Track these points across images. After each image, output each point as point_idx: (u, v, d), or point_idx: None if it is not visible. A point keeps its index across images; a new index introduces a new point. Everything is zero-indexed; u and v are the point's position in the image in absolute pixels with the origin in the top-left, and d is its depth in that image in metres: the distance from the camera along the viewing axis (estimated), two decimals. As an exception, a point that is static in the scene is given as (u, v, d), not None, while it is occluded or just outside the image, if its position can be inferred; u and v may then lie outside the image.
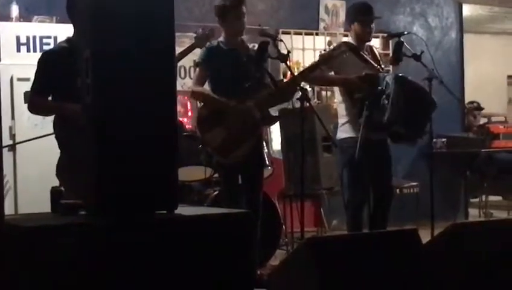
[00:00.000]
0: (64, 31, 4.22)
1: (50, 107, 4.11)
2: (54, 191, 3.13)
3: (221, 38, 4.91)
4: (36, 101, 4.09)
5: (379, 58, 5.48)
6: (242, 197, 4.86)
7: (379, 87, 5.00)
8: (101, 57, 2.84)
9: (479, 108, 9.10)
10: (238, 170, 4.89)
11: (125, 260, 2.72)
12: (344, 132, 5.22)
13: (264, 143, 5.29)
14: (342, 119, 5.30)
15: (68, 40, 4.10)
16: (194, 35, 5.11)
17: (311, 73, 5.08)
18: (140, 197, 2.87)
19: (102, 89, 2.84)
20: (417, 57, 5.14)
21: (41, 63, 4.09)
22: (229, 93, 4.80)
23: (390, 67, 5.46)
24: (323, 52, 5.18)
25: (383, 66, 5.31)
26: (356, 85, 5.10)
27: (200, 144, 5.19)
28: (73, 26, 4.06)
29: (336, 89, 5.49)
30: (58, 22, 6.06)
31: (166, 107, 2.98)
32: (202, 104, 5.15)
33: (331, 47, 5.27)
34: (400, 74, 5.21)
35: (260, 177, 5.00)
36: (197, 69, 5.05)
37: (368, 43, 5.39)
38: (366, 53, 5.31)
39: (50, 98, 4.09)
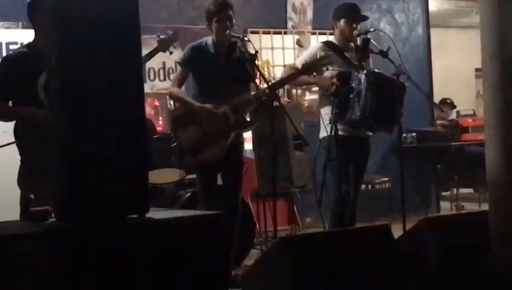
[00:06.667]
0: (31, 37, 4.18)
1: (11, 112, 4.08)
2: (24, 199, 3.09)
3: (209, 40, 4.90)
4: None
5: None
6: (219, 197, 4.86)
7: (352, 84, 5.05)
8: (67, 61, 2.82)
9: (452, 105, 9.20)
10: (215, 170, 4.90)
11: (97, 266, 2.70)
12: (324, 130, 5.24)
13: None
14: (322, 119, 5.32)
15: (28, 45, 4.11)
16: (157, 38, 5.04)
17: (289, 81, 5.16)
18: (110, 202, 2.85)
19: (69, 93, 2.82)
20: (384, 54, 5.18)
21: (1, 68, 4.07)
22: (210, 94, 4.82)
23: (371, 63, 5.47)
24: (306, 61, 5.21)
25: (363, 64, 5.33)
26: (329, 84, 5.13)
27: (172, 144, 5.19)
28: (35, 31, 4.05)
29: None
30: (24, 27, 6.02)
31: (134, 109, 2.96)
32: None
33: (318, 56, 5.24)
34: (371, 70, 5.25)
35: (239, 178, 5.01)
36: (178, 68, 5.04)
37: (351, 42, 5.42)
38: (350, 51, 5.36)
39: (10, 104, 4.07)
